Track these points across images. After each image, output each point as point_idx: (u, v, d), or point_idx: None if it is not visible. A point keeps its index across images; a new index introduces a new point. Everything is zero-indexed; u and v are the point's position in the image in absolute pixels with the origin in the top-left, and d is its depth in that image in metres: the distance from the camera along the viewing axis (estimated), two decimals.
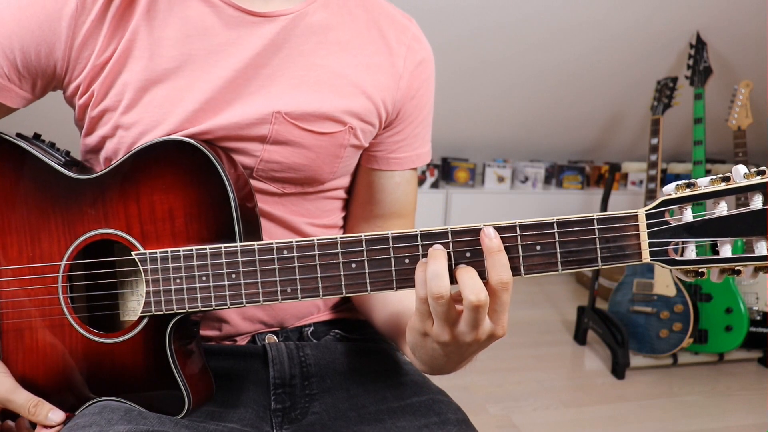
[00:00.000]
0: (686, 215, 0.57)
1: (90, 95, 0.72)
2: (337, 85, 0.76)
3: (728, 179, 0.56)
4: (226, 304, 0.65)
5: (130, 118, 0.72)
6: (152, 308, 0.66)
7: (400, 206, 0.88)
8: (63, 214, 0.69)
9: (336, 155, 0.78)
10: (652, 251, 0.58)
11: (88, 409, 0.69)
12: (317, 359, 0.82)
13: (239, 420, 0.73)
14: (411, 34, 0.82)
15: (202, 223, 0.66)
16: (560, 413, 2.00)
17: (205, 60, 0.72)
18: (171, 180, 0.67)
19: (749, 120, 2.28)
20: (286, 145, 0.75)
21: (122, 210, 0.68)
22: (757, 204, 0.55)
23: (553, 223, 0.59)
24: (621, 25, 2.48)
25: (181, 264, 0.65)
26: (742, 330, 2.17)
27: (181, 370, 0.68)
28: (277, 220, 0.80)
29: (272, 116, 0.73)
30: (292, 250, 0.62)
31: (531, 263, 0.59)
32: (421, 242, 0.60)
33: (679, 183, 0.58)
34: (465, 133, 3.09)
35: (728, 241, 0.56)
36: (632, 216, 0.58)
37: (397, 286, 0.61)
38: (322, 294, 0.63)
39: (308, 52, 0.75)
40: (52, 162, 0.70)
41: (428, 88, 0.85)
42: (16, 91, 0.73)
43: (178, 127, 0.71)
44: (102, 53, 0.71)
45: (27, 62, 0.70)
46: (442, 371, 0.66)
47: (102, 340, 0.69)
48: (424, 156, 0.88)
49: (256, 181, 0.76)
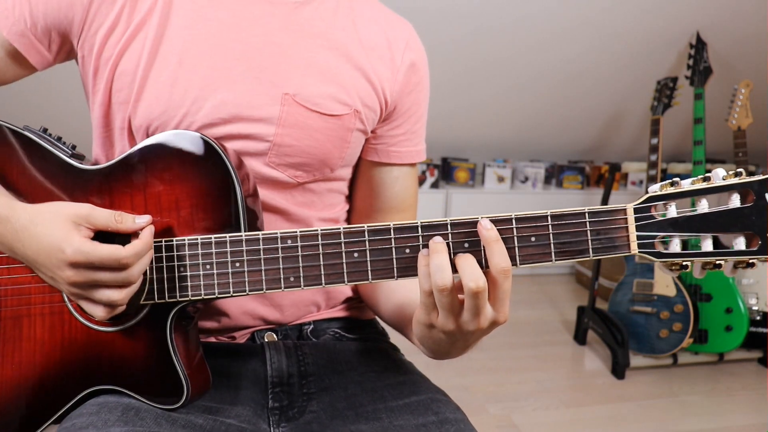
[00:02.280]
0: (671, 211, 0.62)
1: (107, 57, 0.74)
2: (343, 69, 0.79)
3: (709, 179, 0.61)
4: (229, 291, 0.66)
5: (143, 83, 0.73)
6: (155, 296, 0.67)
7: (399, 200, 0.90)
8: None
9: (344, 139, 0.80)
10: (639, 243, 0.62)
11: (85, 408, 0.68)
12: (315, 358, 0.82)
13: (236, 417, 0.74)
14: (408, 33, 0.86)
15: (208, 214, 0.67)
16: (560, 413, 2.00)
17: (218, 31, 0.74)
18: (178, 171, 0.68)
19: (749, 120, 2.28)
20: (296, 127, 0.76)
21: (128, 200, 0.69)
22: (735, 203, 0.60)
23: (547, 216, 0.62)
24: (621, 25, 2.48)
25: (186, 252, 0.66)
26: (742, 330, 2.17)
27: (180, 359, 0.68)
28: (285, 213, 0.81)
29: (282, 98, 0.75)
30: (296, 239, 0.64)
31: (526, 253, 0.62)
32: (421, 233, 0.63)
33: (664, 182, 0.62)
34: (465, 133, 3.09)
35: (709, 236, 0.61)
36: (621, 210, 0.62)
37: (398, 274, 0.64)
38: (324, 282, 0.64)
39: (316, 36, 0.79)
40: (59, 153, 0.71)
41: (424, 87, 0.88)
42: (33, 42, 0.74)
43: (189, 95, 0.73)
44: (120, 14, 0.73)
45: (48, 10, 0.72)
46: (448, 356, 0.69)
47: (102, 328, 0.69)
48: (421, 153, 0.91)
49: (269, 169, 0.78)
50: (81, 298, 0.64)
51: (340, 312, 0.91)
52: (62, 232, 0.62)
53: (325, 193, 0.85)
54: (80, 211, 0.63)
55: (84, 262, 0.61)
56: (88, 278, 0.62)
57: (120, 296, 0.63)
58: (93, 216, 0.63)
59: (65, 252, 0.61)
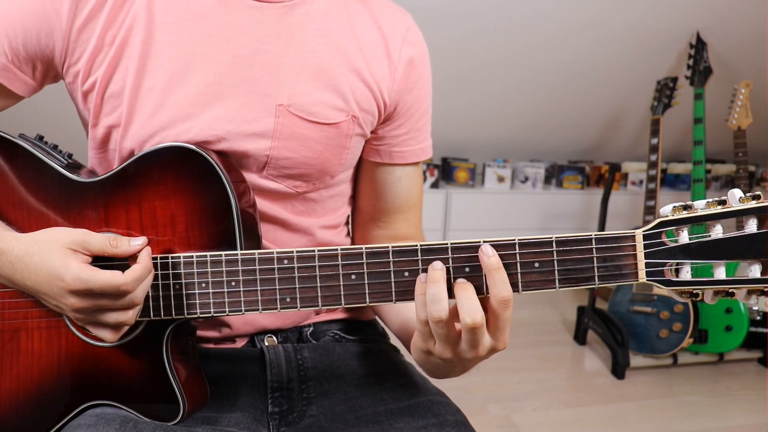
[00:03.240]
0: (683, 237, 0.58)
1: (93, 82, 0.72)
2: (338, 74, 0.76)
3: (724, 203, 0.57)
4: (225, 311, 0.64)
5: (133, 105, 0.72)
6: (150, 314, 0.66)
7: (403, 200, 0.88)
8: (64, 216, 0.69)
9: (342, 146, 0.78)
10: (648, 271, 0.59)
11: (83, 419, 0.68)
12: (315, 362, 0.82)
13: (236, 424, 0.73)
14: (406, 27, 0.82)
15: (204, 230, 0.66)
16: (560, 413, 2.00)
17: (206, 45, 0.72)
18: (173, 186, 0.67)
19: (749, 120, 2.28)
20: (293, 139, 0.74)
21: (123, 214, 0.68)
22: (751, 228, 0.56)
23: (552, 242, 0.60)
24: (621, 25, 2.48)
25: (181, 270, 0.65)
26: (742, 330, 2.17)
27: (176, 376, 0.68)
28: (285, 223, 0.80)
29: (276, 109, 0.73)
30: (292, 260, 0.63)
31: (529, 280, 0.60)
32: (421, 257, 0.61)
33: (676, 205, 0.59)
34: (465, 133, 3.08)
35: (723, 263, 0.57)
36: (630, 236, 0.59)
37: (396, 298, 0.62)
38: (321, 304, 0.63)
39: (308, 39, 0.75)
40: (54, 164, 0.70)
41: (426, 81, 0.85)
42: (16, 73, 0.73)
43: (181, 114, 0.71)
44: (102, 38, 0.71)
45: (28, 43, 0.71)
46: (446, 377, 0.68)
47: (98, 343, 0.69)
48: (426, 150, 0.88)
49: (268, 181, 0.76)
50: (88, 323, 0.64)
51: (340, 314, 0.90)
52: (59, 260, 0.61)
53: (326, 200, 0.84)
54: (75, 237, 0.62)
55: (84, 290, 0.60)
56: (92, 304, 0.61)
57: (127, 317, 0.62)
58: (88, 242, 0.62)
59: (64, 280, 0.60)
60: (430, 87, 0.86)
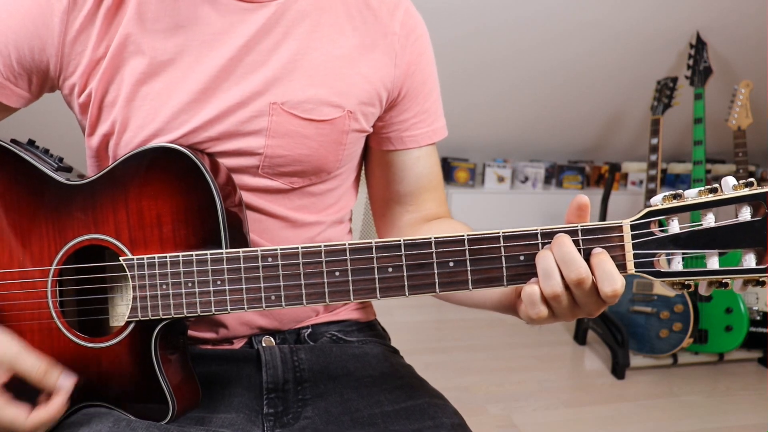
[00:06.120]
0: (673, 226, 0.56)
1: (88, 94, 0.73)
2: (332, 68, 0.76)
3: (716, 190, 0.55)
4: (211, 310, 0.65)
5: (128, 113, 0.72)
6: (138, 314, 0.66)
7: (425, 180, 0.86)
8: (53, 219, 0.70)
9: (339, 142, 0.78)
10: (637, 262, 0.57)
11: (76, 417, 0.68)
12: (311, 364, 0.81)
13: (230, 424, 0.73)
14: (403, 9, 0.81)
15: (190, 230, 0.67)
16: (560, 413, 2.00)
17: (199, 50, 0.72)
18: (159, 186, 0.67)
19: (749, 120, 2.28)
20: (287, 137, 0.74)
21: (111, 216, 0.68)
22: (745, 216, 0.54)
23: (537, 234, 0.59)
24: (621, 25, 2.48)
25: (168, 270, 0.65)
26: (742, 330, 2.17)
27: (166, 377, 0.68)
28: (286, 219, 0.80)
29: (269, 108, 0.73)
30: (276, 257, 0.63)
31: (515, 273, 0.60)
32: (404, 251, 0.61)
33: (666, 194, 0.57)
34: (465, 133, 3.08)
35: (715, 252, 0.55)
36: (617, 227, 0.58)
37: (381, 294, 0.62)
38: (305, 301, 0.63)
39: (301, 36, 0.75)
40: (44, 168, 0.71)
41: (428, 61, 0.84)
42: (12, 89, 0.74)
43: (176, 120, 0.72)
44: (96, 50, 0.71)
45: (21, 58, 0.71)
46: None
47: (88, 344, 0.69)
48: (439, 131, 0.86)
49: (263, 179, 0.76)
50: None
51: (339, 315, 0.90)
52: None
53: (325, 194, 0.83)
54: (7, 351, 0.64)
55: None
56: None
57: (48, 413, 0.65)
58: (18, 361, 0.64)
59: None
60: (433, 65, 0.84)
